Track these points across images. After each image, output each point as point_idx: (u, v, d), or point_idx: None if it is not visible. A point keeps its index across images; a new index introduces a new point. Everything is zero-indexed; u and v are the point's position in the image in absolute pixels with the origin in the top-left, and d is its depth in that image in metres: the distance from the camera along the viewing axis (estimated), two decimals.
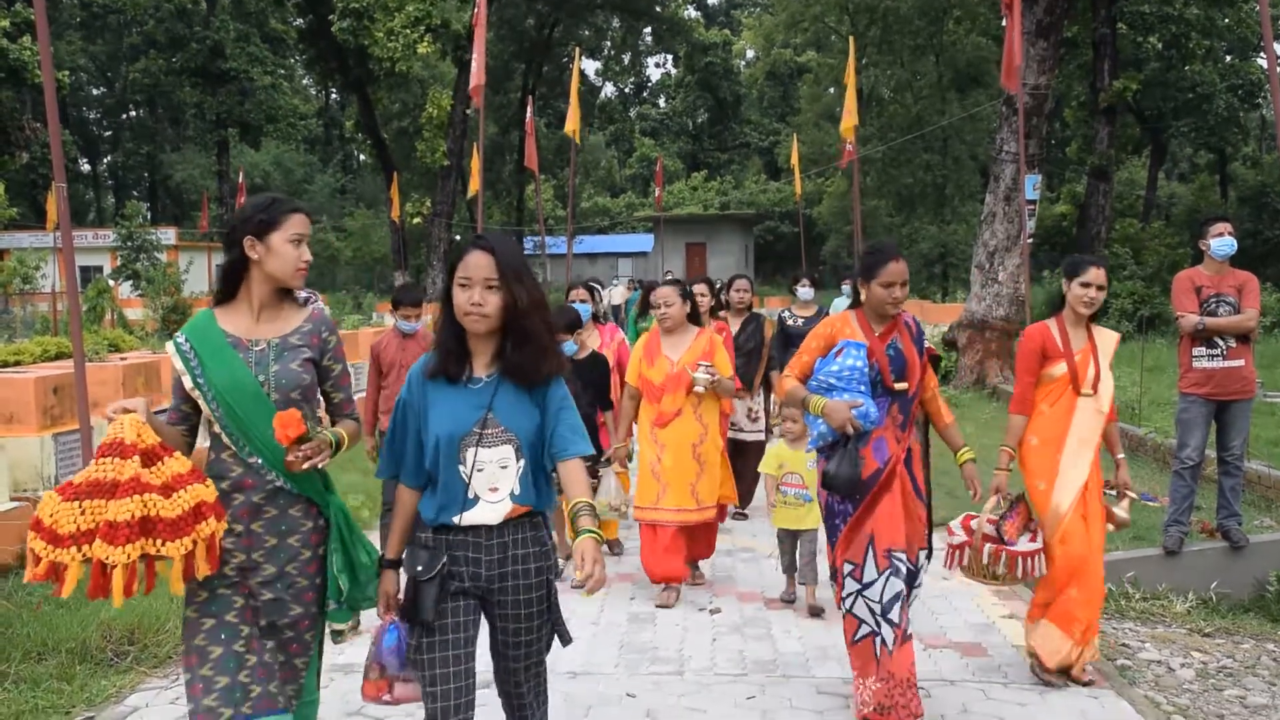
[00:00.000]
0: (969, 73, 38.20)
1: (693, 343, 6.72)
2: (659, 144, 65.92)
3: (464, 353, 3.37)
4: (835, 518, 4.91)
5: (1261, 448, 9.85)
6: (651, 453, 6.72)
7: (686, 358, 6.64)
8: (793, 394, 5.00)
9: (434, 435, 3.31)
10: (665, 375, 6.62)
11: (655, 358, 6.71)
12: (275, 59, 46.08)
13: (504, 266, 3.27)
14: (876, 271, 4.85)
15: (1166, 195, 43.45)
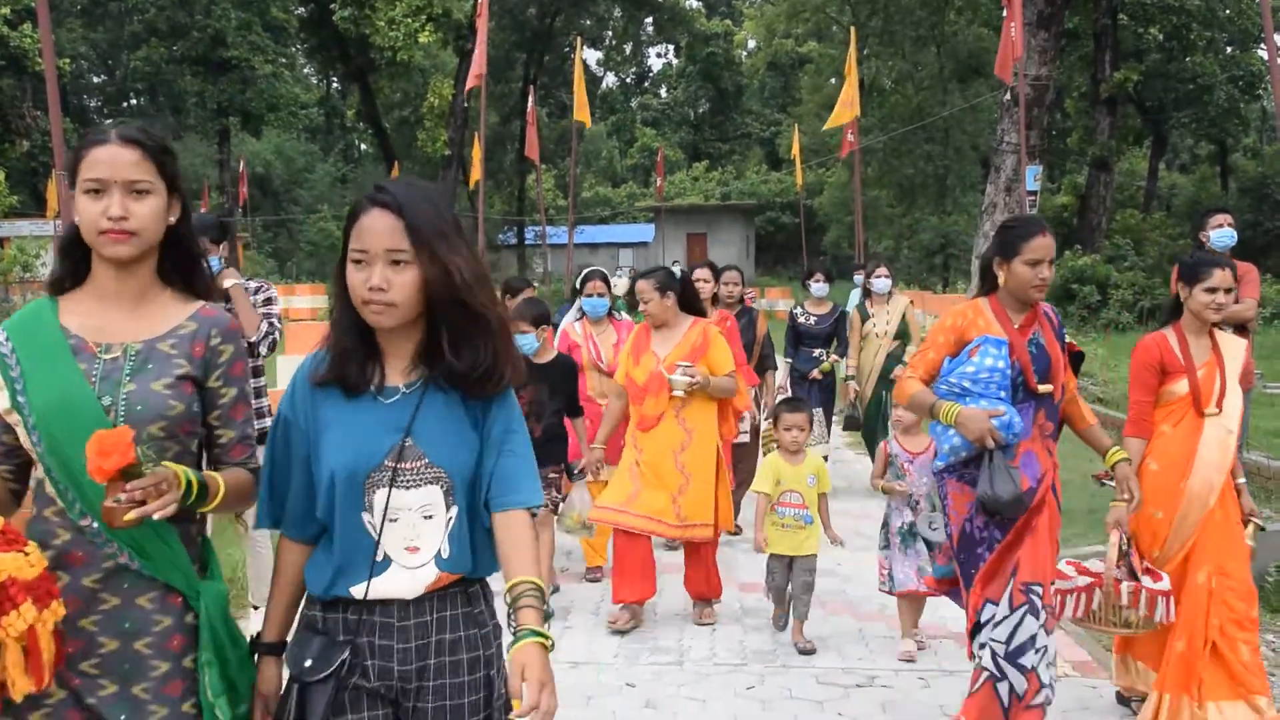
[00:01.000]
0: (970, 63, 38.10)
1: (683, 337, 6.02)
2: (660, 134, 65.81)
3: (370, 352, 2.39)
4: (978, 546, 4.17)
5: (1261, 438, 9.87)
6: (631, 455, 6.04)
7: (674, 355, 5.94)
8: (918, 399, 4.26)
9: (327, 469, 2.32)
10: (649, 375, 5.94)
11: (642, 355, 6.04)
12: (277, 48, 45.92)
13: (419, 230, 2.28)
14: (1020, 247, 4.10)
15: (1167, 186, 43.42)
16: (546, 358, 6.17)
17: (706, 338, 6.01)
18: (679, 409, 5.91)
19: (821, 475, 5.78)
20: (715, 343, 6.02)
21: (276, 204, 55.87)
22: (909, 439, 5.73)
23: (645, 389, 5.96)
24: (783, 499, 5.70)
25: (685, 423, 5.92)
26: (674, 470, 5.89)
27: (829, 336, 9.52)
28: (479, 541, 2.40)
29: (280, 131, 51.11)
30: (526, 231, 49.29)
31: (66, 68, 37.29)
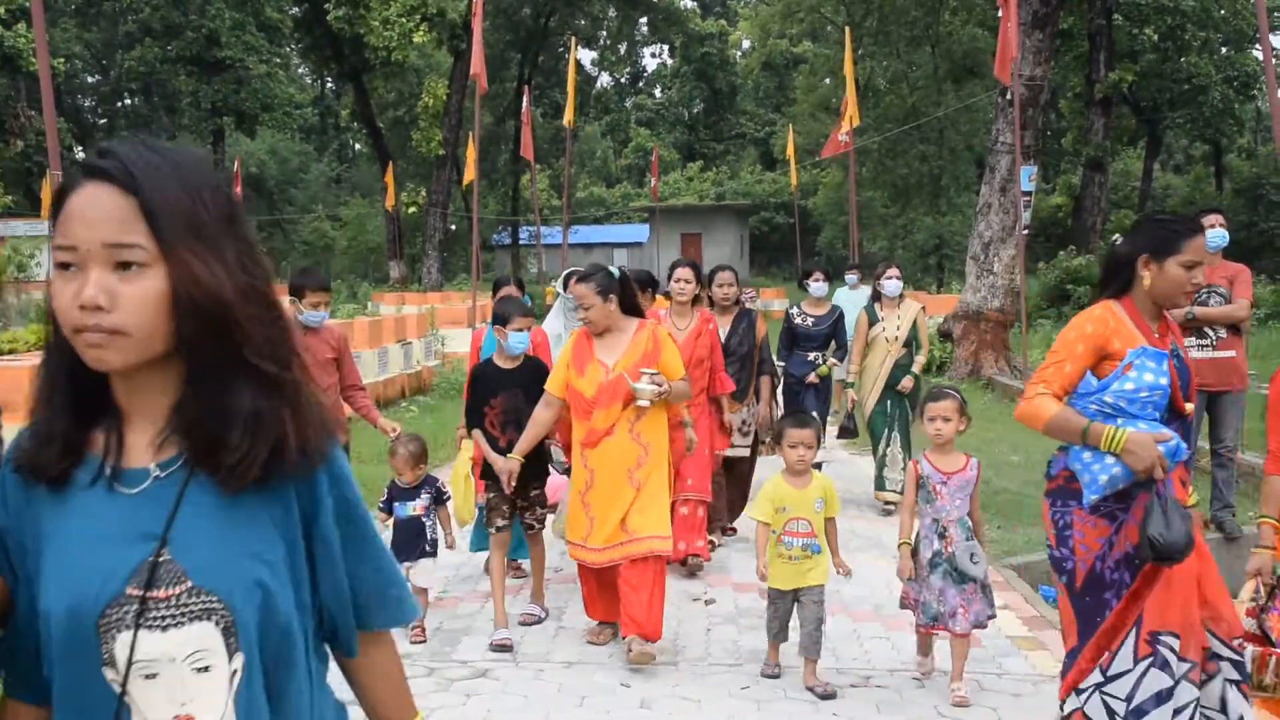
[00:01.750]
0: (965, 64, 38.16)
1: (631, 342, 5.45)
2: (654, 134, 65.81)
3: (94, 414, 1.55)
4: (1106, 590, 3.65)
5: (1255, 439, 9.86)
6: (581, 478, 5.45)
7: (624, 361, 5.37)
8: (1063, 422, 3.61)
9: (43, 607, 1.49)
10: (598, 386, 5.34)
11: (586, 363, 5.41)
12: (271, 47, 45.93)
13: (161, 214, 1.46)
14: (1181, 245, 3.58)
15: (1162, 187, 43.48)
16: (517, 361, 5.83)
17: (656, 341, 5.46)
18: (633, 422, 5.33)
19: (830, 498, 5.14)
20: (666, 346, 5.50)
21: (271, 204, 55.79)
22: (942, 457, 5.03)
23: (594, 402, 5.35)
24: (787, 527, 5.05)
25: (640, 437, 5.35)
26: (626, 487, 5.33)
27: (826, 339, 8.99)
28: (292, 705, 1.58)
29: (274, 131, 51.06)
30: (521, 232, 49.27)
31: (61, 67, 37.24)
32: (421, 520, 5.73)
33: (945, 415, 4.96)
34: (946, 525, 4.90)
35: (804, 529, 5.05)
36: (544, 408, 5.55)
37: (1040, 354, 16.91)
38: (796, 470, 5.14)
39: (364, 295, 34.67)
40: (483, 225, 43.96)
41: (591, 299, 5.42)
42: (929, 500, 4.95)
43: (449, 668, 5.38)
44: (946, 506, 4.91)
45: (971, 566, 4.84)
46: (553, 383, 5.55)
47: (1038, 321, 21.96)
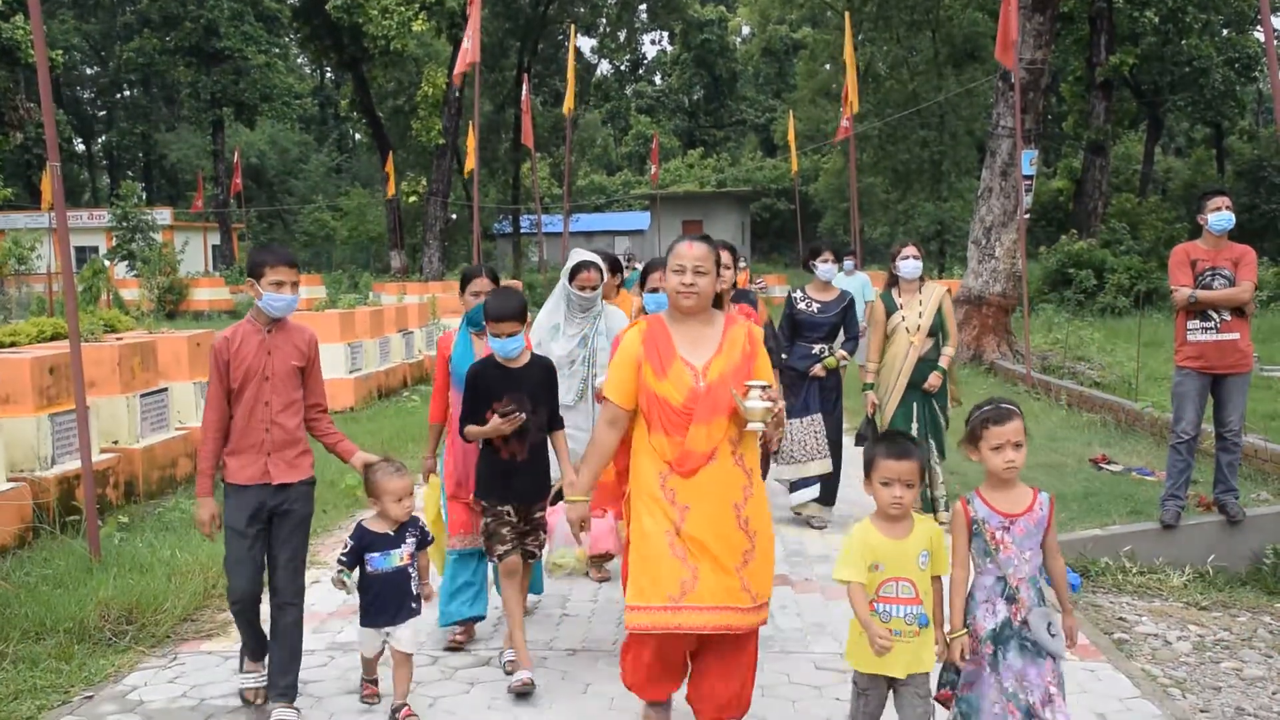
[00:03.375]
0: (966, 48, 38.07)
1: (724, 340, 4.23)
2: (655, 121, 65.76)
3: None
4: None
5: (1258, 421, 9.87)
6: (664, 518, 4.06)
7: (720, 365, 4.14)
8: None
9: None
10: (688, 392, 4.09)
11: (668, 362, 4.15)
12: (270, 38, 45.87)
13: None
14: None
15: (1163, 170, 43.42)
16: (522, 360, 5.03)
17: (753, 343, 4.27)
18: (735, 443, 4.11)
19: (937, 550, 3.85)
20: (760, 350, 4.29)
21: (271, 194, 55.79)
22: (1002, 493, 3.82)
23: (687, 413, 4.09)
24: (883, 591, 3.78)
25: (744, 461, 4.14)
26: (736, 530, 4.07)
27: (834, 329, 7.88)
28: None
29: (274, 122, 51.04)
30: (522, 220, 49.23)
31: (59, 59, 37.17)
32: (408, 571, 4.64)
33: (1016, 440, 3.74)
34: (1016, 585, 3.74)
35: (907, 593, 3.77)
36: (608, 425, 4.28)
37: (1042, 338, 16.91)
38: (893, 515, 3.81)
39: (365, 285, 34.66)
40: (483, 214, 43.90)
41: (708, 263, 4.16)
42: (988, 553, 3.78)
43: (452, 656, 5.38)
44: (1014, 560, 3.75)
45: (1050, 640, 3.72)
46: (617, 388, 4.24)
47: (1039, 306, 21.93)
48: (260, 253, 4.68)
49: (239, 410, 4.57)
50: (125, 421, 8.61)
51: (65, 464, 7.64)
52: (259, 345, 4.59)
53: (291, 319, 4.74)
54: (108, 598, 5.72)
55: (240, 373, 4.54)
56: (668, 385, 4.11)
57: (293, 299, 4.64)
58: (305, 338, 4.76)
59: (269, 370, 4.58)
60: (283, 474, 4.59)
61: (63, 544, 6.81)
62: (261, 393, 4.57)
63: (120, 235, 35.74)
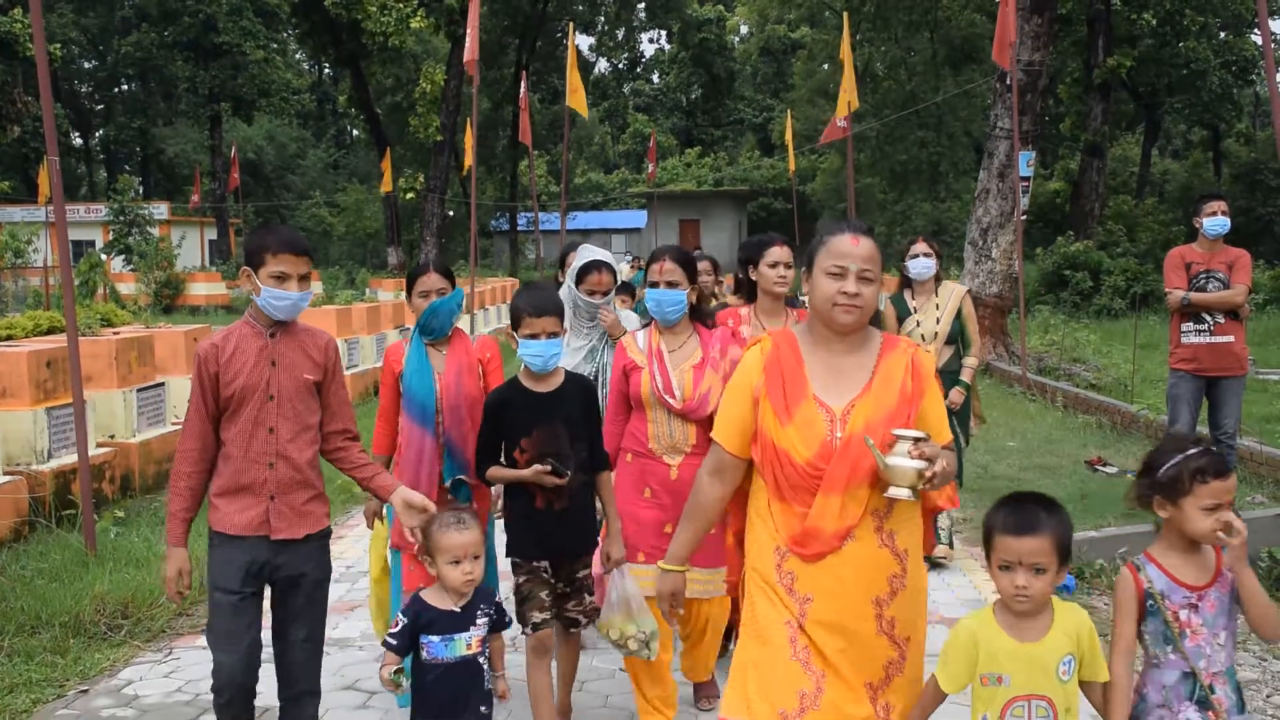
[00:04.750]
0: (964, 49, 38.09)
1: (879, 373, 3.00)
2: (653, 120, 65.73)
3: None
4: None
5: (1254, 424, 9.89)
6: (773, 606, 3.01)
7: (868, 409, 2.93)
8: None
9: None
10: (820, 446, 2.91)
11: (797, 402, 2.96)
12: (268, 33, 45.85)
13: None
14: None
15: (1160, 172, 43.46)
16: (555, 380, 4.03)
17: (919, 374, 3.00)
18: (882, 516, 2.94)
19: (1089, 651, 2.86)
20: (930, 385, 3.03)
21: (269, 190, 55.78)
22: (1180, 557, 2.91)
23: (812, 476, 2.91)
24: (1012, 715, 2.80)
25: (894, 540, 2.97)
26: (876, 635, 2.95)
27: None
28: None
29: (272, 117, 51.05)
30: (519, 217, 49.23)
31: (58, 53, 37.10)
32: (478, 661, 3.42)
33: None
34: (1209, 682, 2.85)
35: (1041, 712, 2.80)
36: (713, 476, 3.13)
37: (1038, 339, 16.93)
38: (1019, 608, 2.83)
39: (362, 281, 34.67)
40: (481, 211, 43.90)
41: (876, 267, 2.95)
42: (1169, 640, 2.87)
43: None
44: (1204, 648, 2.85)
45: None
46: (728, 427, 3.08)
47: (1036, 307, 21.96)
48: (261, 235, 3.64)
49: (233, 438, 3.54)
50: (122, 415, 8.62)
51: (62, 458, 7.65)
52: (259, 354, 3.57)
53: (302, 320, 3.74)
54: (103, 592, 5.73)
55: (234, 389, 3.52)
56: (792, 434, 2.90)
57: (301, 296, 3.60)
58: (321, 343, 3.73)
59: (273, 386, 3.56)
60: (288, 526, 3.58)
61: (59, 538, 6.81)
62: (263, 416, 3.55)
63: (117, 229, 35.70)
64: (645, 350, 4.46)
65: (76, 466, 6.99)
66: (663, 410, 4.34)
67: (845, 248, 2.93)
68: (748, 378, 3.06)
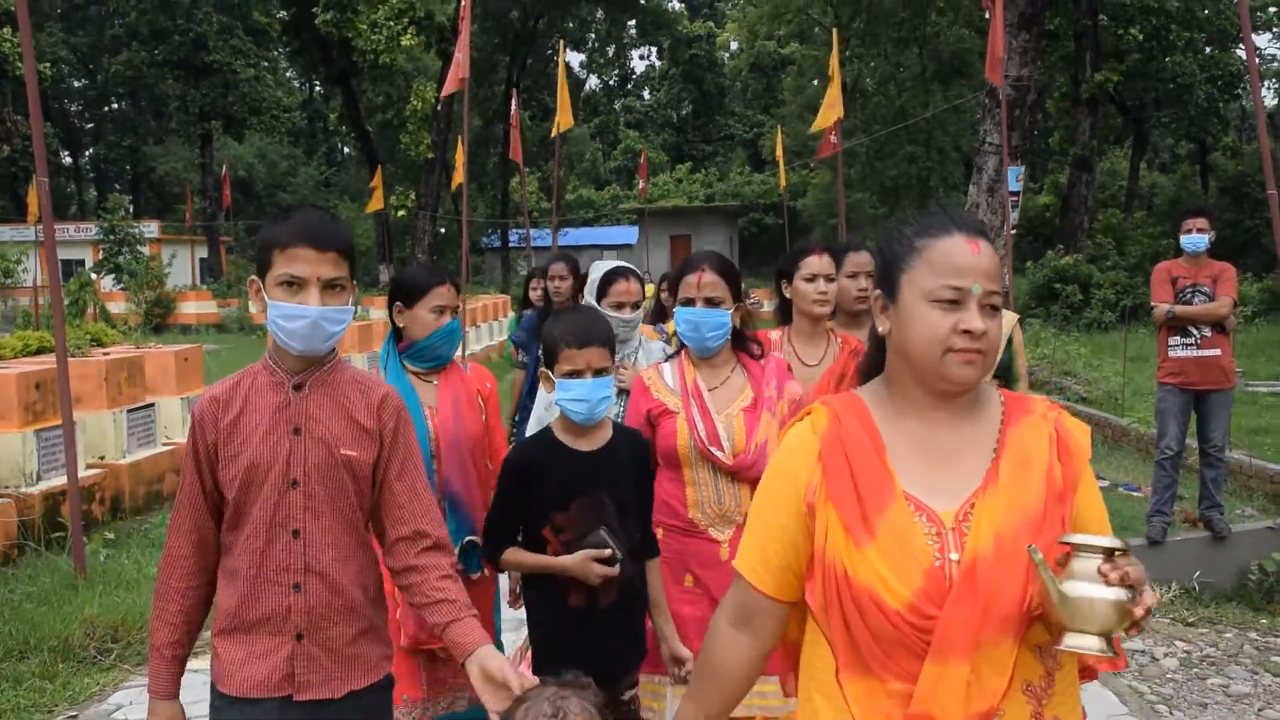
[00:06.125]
0: (953, 64, 38.26)
1: (1003, 448, 1.89)
2: (643, 136, 65.83)
3: None
4: None
5: (1243, 437, 9.91)
6: None
7: (995, 510, 1.81)
8: None
9: None
10: (927, 577, 1.78)
11: (882, 505, 1.84)
12: (259, 51, 45.88)
13: None
14: None
15: (1148, 185, 43.63)
16: (601, 435, 3.08)
17: (1068, 448, 1.93)
18: (1042, 694, 1.82)
19: None
20: (1084, 465, 1.94)
21: (260, 208, 55.73)
22: None
23: (919, 629, 1.78)
24: None
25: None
26: None
27: None
28: None
29: (263, 135, 51.04)
30: (510, 234, 49.25)
31: (47, 72, 37.11)
32: None
33: None
34: None
35: None
36: (737, 630, 2.05)
37: (1029, 354, 16.95)
38: None
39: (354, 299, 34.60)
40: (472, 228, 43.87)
41: (999, 289, 1.93)
42: None
43: None
44: None
45: None
46: (762, 559, 2.00)
47: (1026, 320, 21.99)
48: (270, 226, 2.52)
49: (239, 546, 2.43)
50: (112, 437, 8.60)
51: (51, 480, 7.62)
52: (276, 414, 2.43)
53: (342, 362, 2.56)
54: (93, 615, 5.70)
55: (238, 469, 2.40)
56: (875, 560, 1.80)
57: (327, 314, 2.39)
58: (373, 400, 2.52)
59: (297, 465, 2.41)
60: (323, 680, 2.46)
61: (48, 561, 6.78)
62: (283, 512, 2.41)
63: (107, 248, 35.66)
64: (677, 388, 3.47)
65: (66, 488, 6.96)
66: (707, 468, 3.37)
67: (963, 259, 1.87)
68: (792, 472, 1.95)
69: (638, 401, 3.50)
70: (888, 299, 1.96)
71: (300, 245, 2.39)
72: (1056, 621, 1.71)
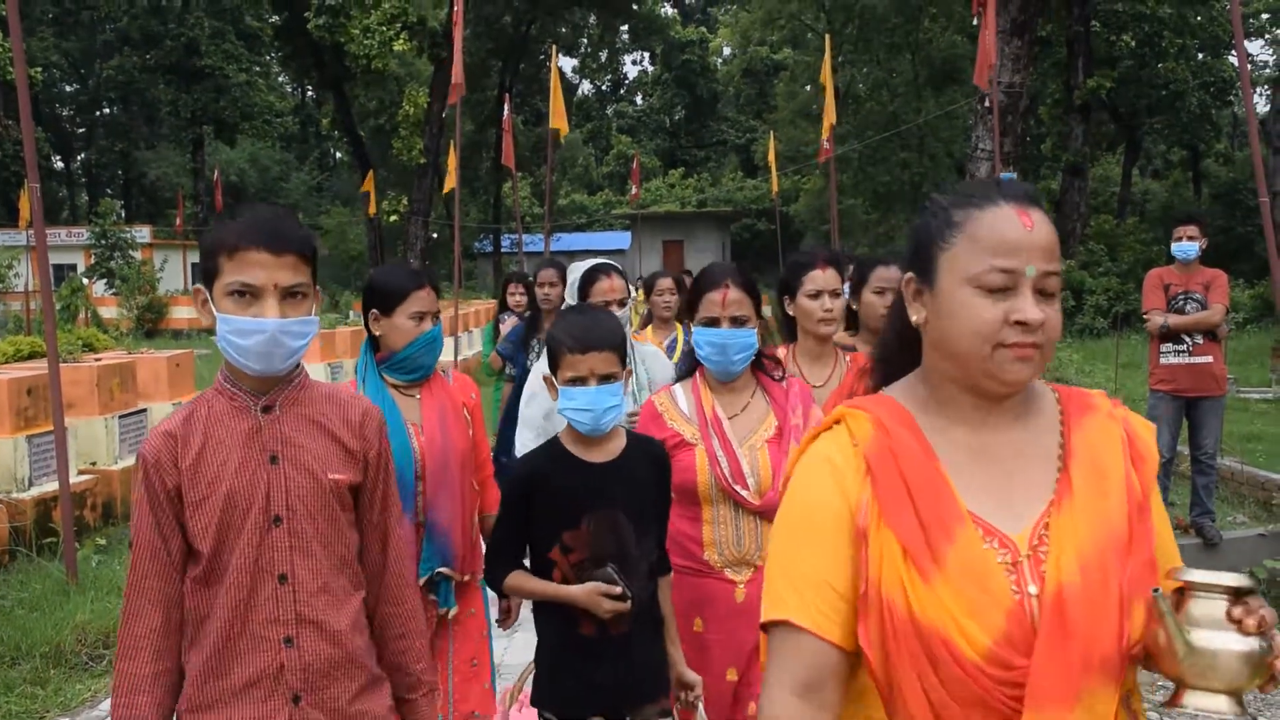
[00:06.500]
0: (945, 70, 38.36)
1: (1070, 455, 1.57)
2: (636, 141, 65.93)
3: None
4: None
5: (1235, 443, 9.93)
6: None
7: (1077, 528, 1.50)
8: None
9: None
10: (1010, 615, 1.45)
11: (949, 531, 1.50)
12: (250, 56, 45.90)
13: None
14: None
15: (1141, 192, 43.79)
16: (613, 446, 2.82)
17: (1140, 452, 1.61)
18: None
19: None
20: (1154, 472, 1.61)
21: None
22: None
23: (1004, 678, 1.44)
24: None
25: None
26: None
27: None
28: None
29: (254, 140, 51.01)
30: (503, 239, 49.26)
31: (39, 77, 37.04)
32: None
33: None
34: None
35: None
36: (804, 701, 1.52)
37: None
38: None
39: (345, 304, 34.58)
40: (465, 233, 43.91)
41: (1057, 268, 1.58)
42: None
43: None
44: None
45: None
46: (819, 602, 1.54)
47: None
48: (217, 229, 2.15)
49: (218, 602, 2.08)
50: (104, 442, 8.58)
51: (43, 485, 7.60)
52: (248, 442, 2.12)
53: (312, 376, 2.27)
54: (84, 621, 5.68)
55: (211, 512, 2.08)
56: (946, 598, 1.48)
57: (287, 325, 2.07)
58: (354, 415, 2.23)
59: (278, 499, 2.11)
60: None
61: (39, 567, 6.76)
62: (267, 555, 2.09)
63: (99, 253, 35.61)
64: (694, 416, 3.14)
65: (58, 494, 6.95)
66: (728, 506, 3.05)
67: (1013, 233, 1.55)
68: (835, 491, 1.58)
69: (649, 429, 3.15)
70: (922, 283, 1.63)
71: (252, 248, 2.04)
72: (1174, 676, 1.45)
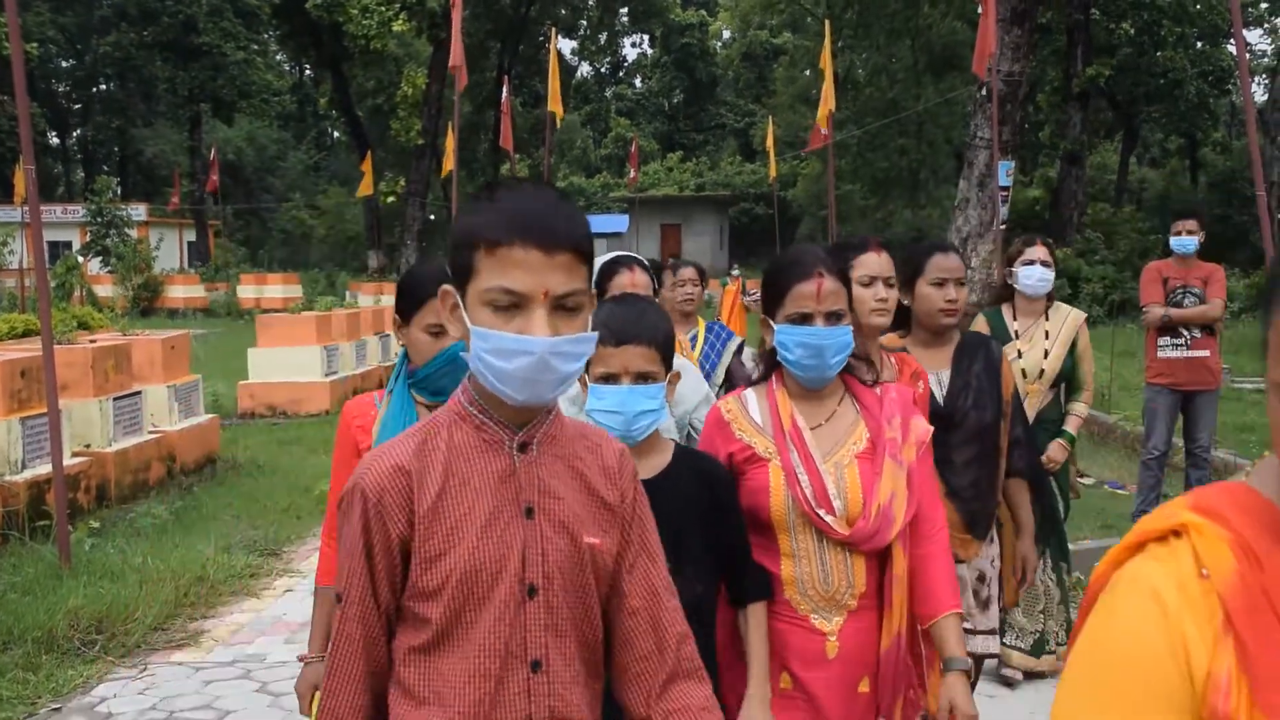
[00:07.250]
0: (945, 57, 38.27)
1: None
2: (634, 124, 65.74)
3: None
4: None
5: (1230, 434, 9.96)
6: None
7: None
8: None
9: None
10: None
11: None
12: (249, 34, 45.67)
13: None
14: None
15: (1138, 180, 43.78)
16: (657, 458, 2.45)
17: None
18: None
19: None
20: None
21: (248, 192, 55.47)
22: None
23: None
24: None
25: None
26: None
27: None
28: None
29: (252, 119, 50.83)
30: None
31: (34, 52, 36.90)
32: None
33: None
34: None
35: None
36: None
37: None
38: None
39: (342, 285, 34.56)
40: None
41: None
42: None
43: None
44: None
45: None
46: None
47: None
48: (480, 211, 1.66)
49: (443, 682, 1.65)
50: (98, 425, 8.55)
51: (36, 468, 7.57)
52: (500, 488, 1.68)
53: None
54: (77, 606, 5.67)
55: (452, 572, 1.64)
56: None
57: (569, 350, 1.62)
58: (610, 459, 1.80)
59: (536, 562, 1.68)
60: None
61: (32, 550, 6.75)
62: (520, 634, 1.67)
63: (94, 231, 35.50)
64: (768, 426, 2.60)
65: (51, 477, 6.93)
66: (811, 535, 2.52)
67: None
68: (1167, 649, 1.11)
69: (714, 441, 2.62)
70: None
71: (519, 243, 1.59)
72: None
